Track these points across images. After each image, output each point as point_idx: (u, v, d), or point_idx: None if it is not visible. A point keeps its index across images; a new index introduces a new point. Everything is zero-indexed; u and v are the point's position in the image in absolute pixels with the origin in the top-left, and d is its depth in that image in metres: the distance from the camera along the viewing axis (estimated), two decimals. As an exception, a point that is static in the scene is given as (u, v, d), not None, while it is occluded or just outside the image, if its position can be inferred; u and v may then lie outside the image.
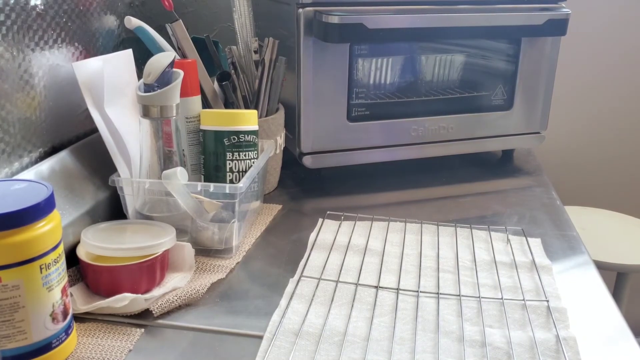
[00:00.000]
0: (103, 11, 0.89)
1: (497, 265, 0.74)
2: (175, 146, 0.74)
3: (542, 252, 0.77)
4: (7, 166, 0.68)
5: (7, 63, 0.67)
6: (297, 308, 0.64)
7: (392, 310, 0.64)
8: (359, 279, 0.70)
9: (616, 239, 1.34)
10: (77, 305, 0.62)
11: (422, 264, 0.74)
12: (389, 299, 0.66)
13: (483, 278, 0.71)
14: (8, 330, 0.52)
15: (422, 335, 0.60)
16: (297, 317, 0.62)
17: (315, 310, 0.64)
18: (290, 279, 0.70)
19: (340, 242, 0.79)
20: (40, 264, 0.52)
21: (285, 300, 0.65)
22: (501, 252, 0.77)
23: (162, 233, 0.70)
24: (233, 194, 0.73)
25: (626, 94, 1.54)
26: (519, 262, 0.74)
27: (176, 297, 0.65)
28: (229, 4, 0.91)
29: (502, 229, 0.83)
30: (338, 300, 0.66)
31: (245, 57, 0.91)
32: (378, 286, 0.69)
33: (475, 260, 0.75)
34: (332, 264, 0.74)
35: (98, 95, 0.74)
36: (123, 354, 0.57)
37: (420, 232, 0.82)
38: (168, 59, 0.72)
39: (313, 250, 0.77)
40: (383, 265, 0.73)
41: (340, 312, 0.64)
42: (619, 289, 1.36)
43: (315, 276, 0.70)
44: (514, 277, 0.71)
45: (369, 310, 0.64)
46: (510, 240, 0.80)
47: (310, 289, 0.68)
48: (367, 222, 0.85)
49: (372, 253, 0.76)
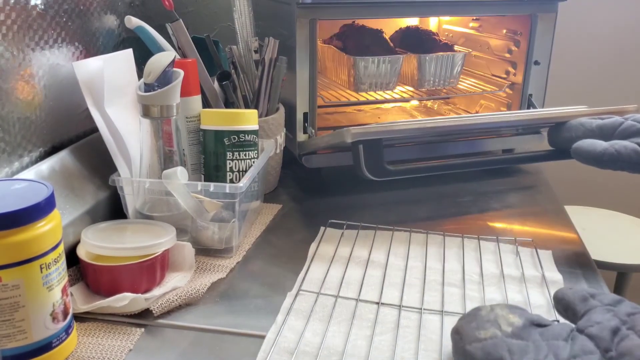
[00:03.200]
0: (103, 11, 0.89)
1: (505, 279, 0.70)
2: (175, 146, 0.74)
3: (552, 265, 0.74)
4: (7, 166, 0.68)
5: (7, 62, 0.67)
6: (293, 325, 0.61)
7: (393, 328, 0.61)
8: (359, 293, 0.67)
9: (616, 239, 1.34)
10: (78, 305, 0.62)
11: (427, 277, 0.71)
12: (391, 315, 0.63)
13: (490, 293, 0.68)
14: (8, 329, 0.52)
15: (425, 355, 0.57)
16: (293, 335, 0.59)
17: (313, 328, 0.61)
18: (288, 292, 0.67)
19: (342, 254, 0.76)
20: (40, 264, 0.52)
21: (282, 316, 0.63)
22: (510, 265, 0.74)
23: (162, 233, 0.70)
24: (233, 193, 0.73)
25: (626, 93, 1.54)
26: (528, 276, 0.71)
27: (176, 297, 0.65)
28: (229, 3, 0.91)
29: (512, 240, 0.79)
30: (337, 316, 0.63)
31: (245, 56, 0.91)
32: (380, 302, 0.66)
33: (482, 273, 0.72)
34: (333, 277, 0.71)
35: (98, 95, 0.74)
36: (123, 353, 0.57)
37: (426, 243, 0.79)
38: (168, 59, 0.72)
39: (313, 262, 0.74)
40: (386, 279, 0.70)
41: (339, 330, 0.61)
42: (620, 288, 1.36)
43: (314, 290, 0.67)
44: (523, 292, 0.68)
45: (369, 327, 0.61)
46: (519, 252, 0.77)
47: (309, 304, 0.65)
48: (370, 232, 0.81)
49: (375, 265, 0.73)
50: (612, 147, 0.72)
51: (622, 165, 0.72)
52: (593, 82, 1.53)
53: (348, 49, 1.07)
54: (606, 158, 0.72)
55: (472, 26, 1.21)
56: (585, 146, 0.74)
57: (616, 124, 0.77)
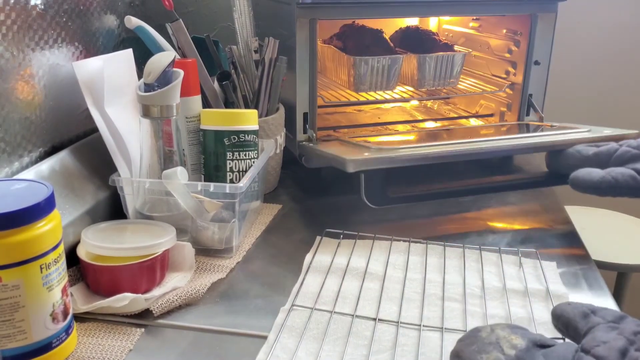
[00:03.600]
0: (103, 11, 0.89)
1: (507, 293, 0.68)
2: (175, 146, 0.74)
3: (557, 278, 0.71)
4: (7, 166, 0.68)
5: (7, 62, 0.67)
6: (286, 343, 0.58)
7: (391, 346, 0.58)
8: (356, 308, 0.64)
9: (617, 239, 1.34)
10: (78, 305, 0.62)
11: (426, 291, 0.68)
12: (389, 333, 0.61)
13: (493, 308, 0.65)
14: (8, 329, 0.52)
15: None
16: (285, 355, 0.57)
17: (306, 347, 0.58)
18: (282, 307, 0.64)
19: (338, 265, 0.73)
20: (40, 264, 0.52)
21: (274, 335, 0.60)
22: (513, 278, 0.71)
23: (162, 233, 0.70)
24: (233, 193, 0.73)
25: (625, 92, 1.54)
26: (531, 289, 0.68)
27: (176, 297, 0.65)
28: (229, 3, 0.91)
29: (514, 251, 0.77)
30: (332, 334, 0.60)
31: (245, 56, 0.91)
32: (377, 318, 0.63)
33: (484, 287, 0.69)
34: (328, 290, 0.68)
35: (98, 95, 0.74)
36: (123, 353, 0.57)
37: (425, 253, 0.76)
38: (168, 59, 0.72)
39: (308, 274, 0.71)
40: (383, 292, 0.68)
41: (334, 349, 0.58)
42: (620, 288, 1.36)
43: (308, 305, 0.64)
44: (527, 307, 0.65)
45: (365, 346, 0.58)
46: (522, 264, 0.74)
47: (302, 321, 0.62)
48: (368, 242, 0.79)
49: (372, 277, 0.71)
50: (609, 175, 0.73)
51: (621, 192, 0.72)
52: (593, 82, 1.53)
53: (348, 49, 1.07)
54: (604, 186, 0.72)
55: (472, 26, 1.21)
56: (582, 176, 0.74)
57: (611, 150, 0.78)
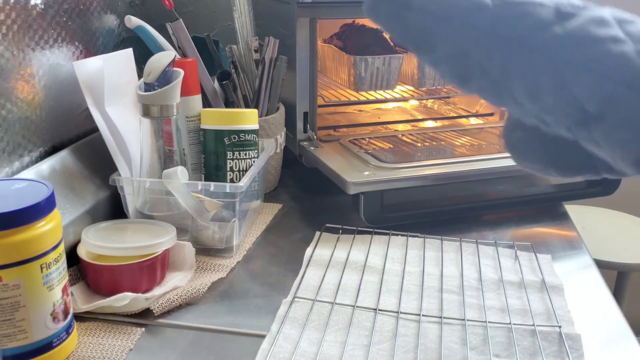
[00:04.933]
0: (103, 10, 0.89)
1: (504, 284, 0.69)
2: (175, 145, 0.74)
3: (552, 270, 0.73)
4: (8, 165, 0.68)
5: (7, 62, 0.67)
6: (289, 334, 0.59)
7: (391, 336, 0.60)
8: (356, 300, 0.65)
9: (617, 238, 1.34)
10: (78, 305, 0.62)
11: (425, 284, 0.69)
12: (389, 323, 0.62)
13: (490, 299, 0.66)
14: (9, 329, 0.52)
15: None
16: (288, 345, 0.58)
17: (309, 337, 0.59)
18: (283, 299, 0.65)
19: (338, 258, 0.74)
20: (40, 263, 0.52)
21: (277, 325, 0.61)
22: (509, 270, 0.72)
23: (162, 232, 0.70)
24: (234, 193, 0.73)
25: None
26: (527, 281, 0.70)
27: (177, 296, 0.65)
28: (229, 3, 0.91)
29: (510, 245, 0.78)
30: (333, 324, 0.61)
31: (245, 56, 0.91)
32: (377, 309, 0.64)
33: (481, 279, 0.70)
34: (329, 283, 0.69)
35: (98, 95, 0.74)
36: (124, 353, 0.57)
37: (423, 247, 0.77)
38: (168, 58, 0.72)
39: (309, 267, 0.72)
40: (383, 285, 0.69)
41: (335, 339, 0.59)
42: (620, 288, 1.36)
43: (309, 297, 0.66)
44: (523, 299, 0.67)
45: (366, 336, 0.60)
46: (518, 257, 0.75)
47: (304, 312, 0.63)
48: (366, 237, 0.80)
49: (372, 271, 0.72)
50: None
51: None
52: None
53: (348, 48, 1.07)
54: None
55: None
56: None
57: None
